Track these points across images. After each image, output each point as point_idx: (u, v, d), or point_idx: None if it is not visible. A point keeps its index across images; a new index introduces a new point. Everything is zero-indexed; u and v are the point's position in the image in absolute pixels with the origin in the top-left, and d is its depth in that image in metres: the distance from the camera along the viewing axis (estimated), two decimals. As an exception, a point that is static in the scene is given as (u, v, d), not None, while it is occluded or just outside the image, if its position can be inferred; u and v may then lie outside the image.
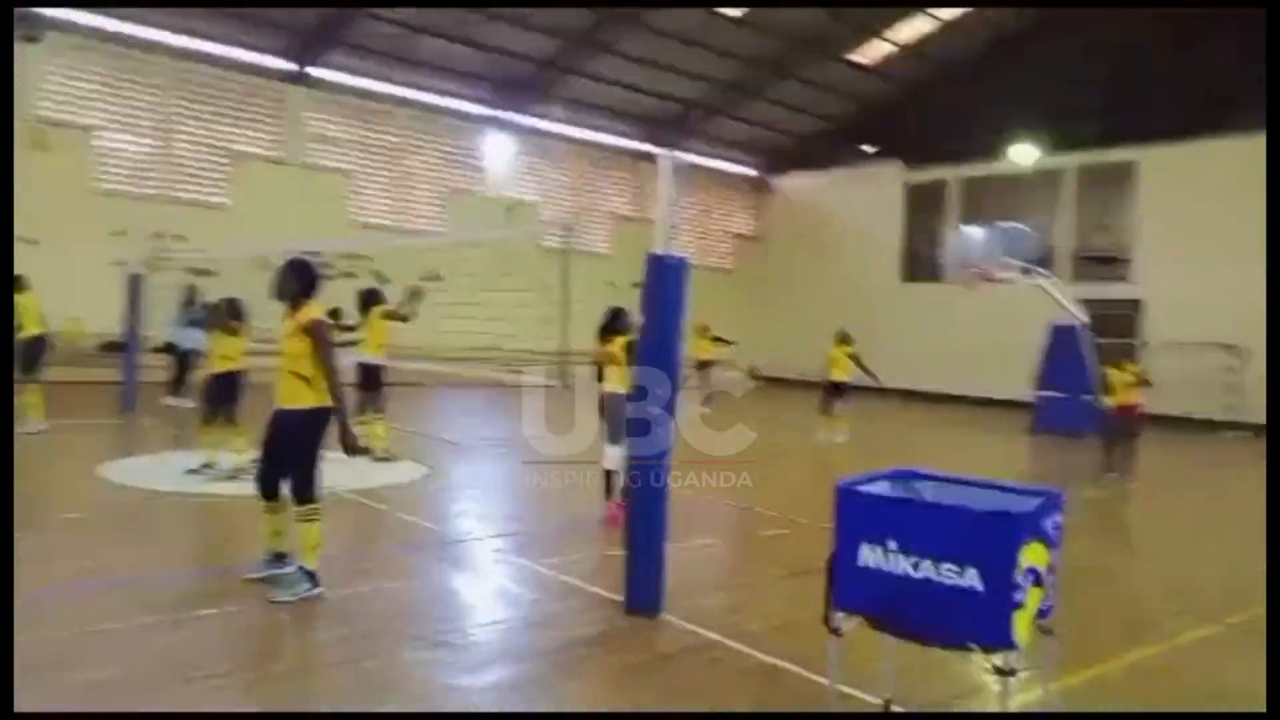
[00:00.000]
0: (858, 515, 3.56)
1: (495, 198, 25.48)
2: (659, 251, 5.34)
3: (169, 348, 13.83)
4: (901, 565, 3.40)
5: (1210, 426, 20.29)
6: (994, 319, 23.93)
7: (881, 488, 3.91)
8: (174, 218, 20.27)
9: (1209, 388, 20.46)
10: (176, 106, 20.87)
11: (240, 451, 8.50)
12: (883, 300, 27.96)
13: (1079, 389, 16.56)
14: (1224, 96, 22.01)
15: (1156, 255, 22.75)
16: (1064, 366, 17.98)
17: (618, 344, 7.60)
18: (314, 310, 5.50)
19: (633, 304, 6.01)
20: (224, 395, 8.72)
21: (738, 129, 28.98)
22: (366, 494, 8.17)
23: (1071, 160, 24.60)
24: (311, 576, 5.33)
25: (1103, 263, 25.28)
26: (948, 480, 4.02)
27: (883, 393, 26.67)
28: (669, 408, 5.22)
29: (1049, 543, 3.49)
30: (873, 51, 26.09)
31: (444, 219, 24.62)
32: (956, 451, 15.37)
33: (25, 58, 18.63)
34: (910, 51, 26.09)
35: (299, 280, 5.56)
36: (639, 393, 5.23)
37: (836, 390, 14.29)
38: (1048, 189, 25.19)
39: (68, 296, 16.88)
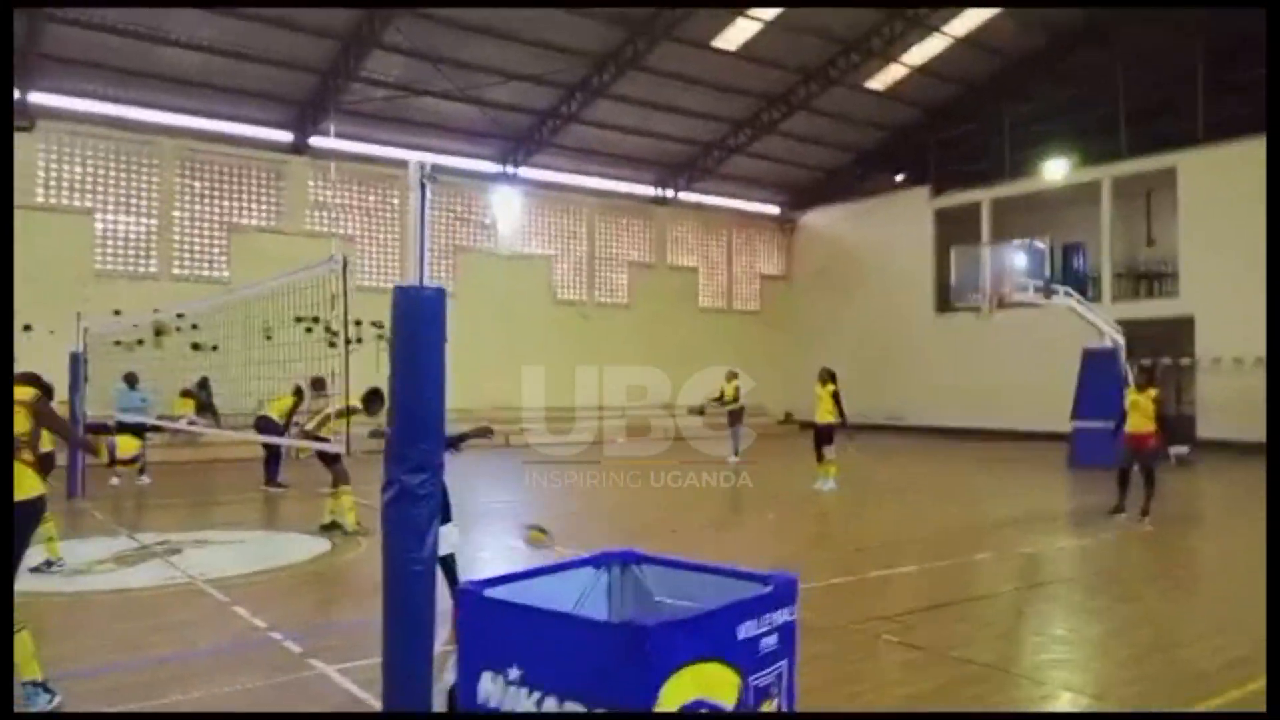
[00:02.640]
0: (478, 629, 2.55)
1: (506, 254, 25.03)
2: (411, 281, 4.43)
3: (120, 426, 13.36)
4: (524, 704, 2.38)
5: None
6: (1035, 346, 22.39)
7: (576, 580, 2.89)
8: (171, 295, 20.16)
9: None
10: (175, 185, 20.93)
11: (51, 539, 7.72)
12: (917, 333, 26.56)
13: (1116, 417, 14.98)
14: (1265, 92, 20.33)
15: (1204, 267, 20.91)
16: (1099, 393, 16.32)
17: None
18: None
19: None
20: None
21: (755, 166, 28.08)
22: (222, 583, 7.32)
23: (1105, 172, 22.99)
24: (43, 686, 4.58)
25: (1147, 278, 23.54)
26: (672, 565, 2.98)
27: (913, 431, 25.38)
28: (432, 477, 4.27)
29: (739, 663, 2.42)
30: (887, 76, 25.03)
31: (451, 278, 24.19)
32: (970, 494, 13.94)
33: (19, 146, 18.90)
34: (927, 73, 24.96)
35: None
36: (396, 460, 4.29)
37: (825, 434, 13.05)
38: (1084, 204, 23.60)
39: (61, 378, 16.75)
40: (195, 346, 20.55)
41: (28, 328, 18.29)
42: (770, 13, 21.25)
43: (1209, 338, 20.59)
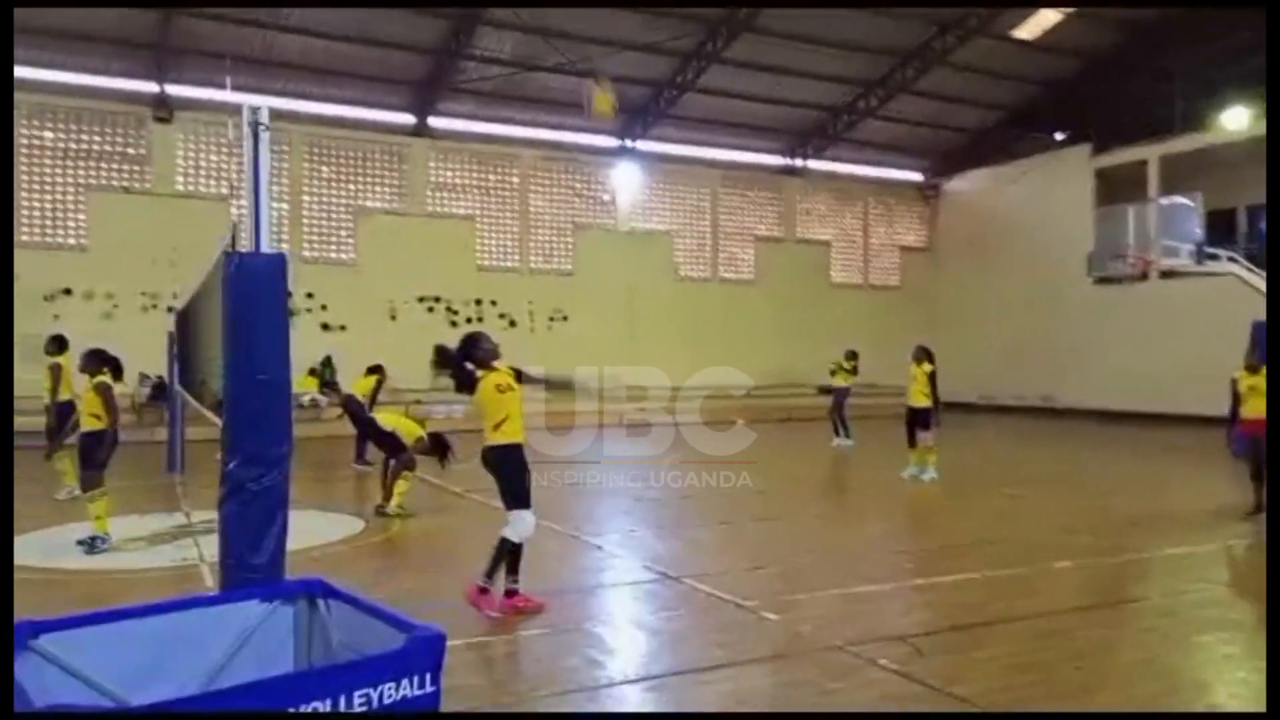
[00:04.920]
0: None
1: (626, 230, 24.61)
2: (248, 247, 3.97)
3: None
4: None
5: None
6: (1209, 319, 19.73)
7: (239, 616, 2.34)
8: (303, 277, 20.91)
9: None
10: (304, 170, 21.68)
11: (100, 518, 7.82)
12: (1074, 306, 24.18)
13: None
14: None
15: None
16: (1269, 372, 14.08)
17: (491, 380, 6.02)
18: None
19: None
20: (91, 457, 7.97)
21: (893, 130, 26.32)
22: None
23: (1297, 119, 19.93)
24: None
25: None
26: (355, 604, 2.36)
27: (1068, 414, 23.14)
28: (272, 470, 3.81)
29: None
30: (1036, 23, 22.75)
31: (570, 256, 24.02)
32: (1096, 487, 12.31)
33: (158, 137, 20.07)
34: (1085, 17, 22.50)
35: None
36: (229, 452, 3.85)
37: (918, 417, 11.82)
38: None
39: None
40: (325, 327, 21.41)
41: (170, 309, 19.44)
42: (897, -40, 19.69)
43: None
